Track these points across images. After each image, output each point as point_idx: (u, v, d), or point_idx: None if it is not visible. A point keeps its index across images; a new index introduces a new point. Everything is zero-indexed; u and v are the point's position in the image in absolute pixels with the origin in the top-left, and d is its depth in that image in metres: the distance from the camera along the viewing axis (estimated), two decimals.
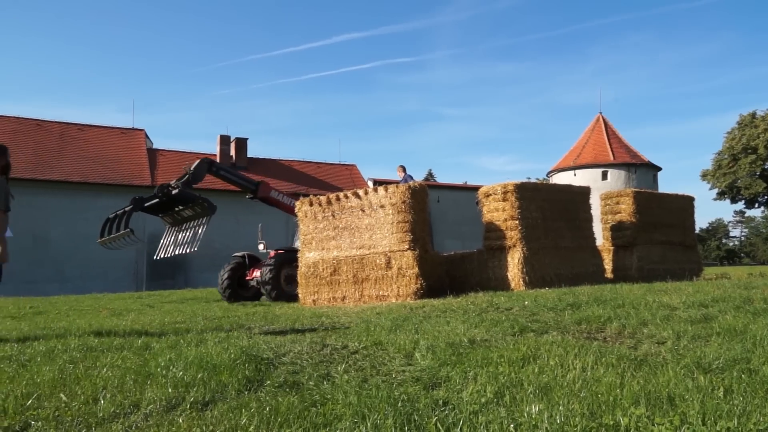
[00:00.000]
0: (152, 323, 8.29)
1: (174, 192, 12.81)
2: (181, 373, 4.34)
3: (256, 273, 14.10)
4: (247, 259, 14.73)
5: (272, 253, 14.15)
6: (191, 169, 13.45)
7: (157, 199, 12.80)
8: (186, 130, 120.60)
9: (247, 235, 25.35)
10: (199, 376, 4.23)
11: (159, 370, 4.47)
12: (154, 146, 36.85)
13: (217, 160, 35.99)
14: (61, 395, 3.84)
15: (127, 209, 12.58)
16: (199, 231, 12.51)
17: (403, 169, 14.24)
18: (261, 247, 15.41)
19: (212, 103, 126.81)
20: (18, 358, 5.34)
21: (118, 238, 12.08)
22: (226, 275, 14.46)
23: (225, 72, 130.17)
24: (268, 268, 13.34)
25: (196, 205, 12.83)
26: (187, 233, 12.82)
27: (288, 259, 13.50)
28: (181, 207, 13.05)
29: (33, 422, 3.34)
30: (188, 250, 12.51)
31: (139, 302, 14.42)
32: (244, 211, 26.78)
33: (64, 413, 3.49)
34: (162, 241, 13.49)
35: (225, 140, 36.52)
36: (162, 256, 13.05)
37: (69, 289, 23.91)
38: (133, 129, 36.02)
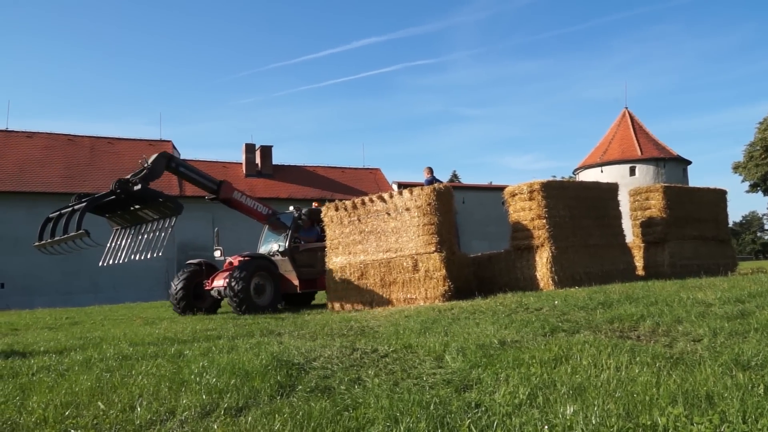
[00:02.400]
0: (184, 331, 8.41)
1: (136, 188, 11.10)
2: (214, 379, 4.40)
3: (218, 282, 12.50)
4: (204, 267, 13.08)
5: (233, 260, 12.80)
6: (149, 163, 11.68)
7: (113, 196, 11.12)
8: (212, 140, 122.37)
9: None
10: (231, 382, 4.28)
11: (193, 377, 4.54)
12: (182, 156, 37.44)
13: (243, 169, 36.59)
14: (99, 403, 3.92)
15: (76, 207, 10.83)
16: (162, 234, 10.99)
17: (430, 171, 14.02)
18: (217, 253, 13.52)
19: (236, 112, 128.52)
20: (56, 368, 5.48)
21: (67, 240, 10.50)
22: (180, 284, 12.66)
23: (248, 81, 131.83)
24: (238, 277, 11.68)
25: (160, 204, 11.25)
26: (146, 236, 11.18)
27: (258, 266, 12.28)
28: (138, 206, 11.40)
29: (72, 430, 3.42)
30: (148, 256, 10.89)
31: (170, 311, 14.64)
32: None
33: (103, 421, 3.56)
34: (109, 244, 11.65)
35: (250, 148, 36.92)
36: (111, 262, 11.36)
37: (103, 300, 24.38)
38: (161, 140, 36.63)
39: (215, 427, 3.34)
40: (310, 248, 13.52)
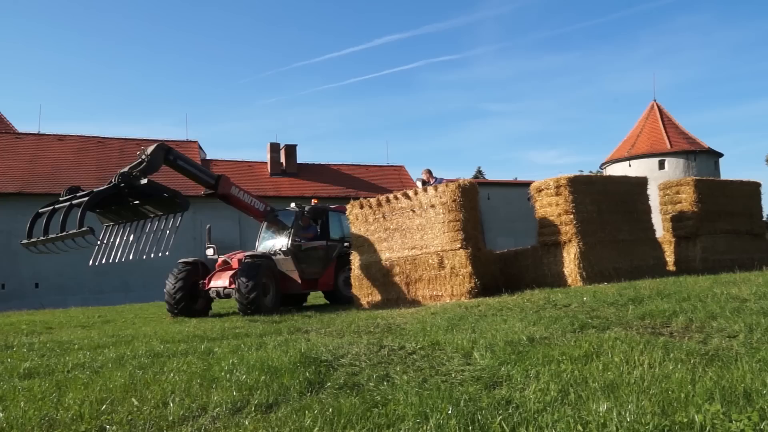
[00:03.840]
0: (213, 328, 8.52)
1: (142, 182, 10.28)
2: (244, 376, 4.44)
3: (218, 282, 11.92)
4: (200, 266, 12.37)
5: (229, 258, 12.40)
6: (148, 155, 10.71)
7: (116, 190, 10.16)
8: (237, 140, 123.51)
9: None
10: (261, 379, 4.32)
11: (223, 374, 4.59)
12: (207, 157, 37.90)
13: (268, 168, 36.91)
14: (133, 400, 3.99)
15: (76, 202, 9.86)
16: (168, 232, 10.29)
17: (429, 172, 13.47)
18: (210, 252, 12.83)
19: (261, 111, 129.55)
20: (91, 365, 5.59)
21: (66, 238, 9.51)
22: (179, 284, 11.74)
23: (271, 81, 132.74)
24: (249, 278, 11.02)
25: (165, 200, 10.44)
26: (152, 234, 10.38)
27: (266, 266, 11.77)
28: (137, 201, 10.57)
29: (108, 426, 3.48)
30: (151, 256, 10.10)
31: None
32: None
33: (137, 417, 3.62)
34: (100, 242, 10.45)
35: (275, 147, 37.18)
36: (105, 261, 10.38)
37: (133, 298, 24.81)
38: (187, 141, 37.14)
39: (246, 423, 3.37)
40: (311, 247, 13.13)
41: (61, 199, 10.31)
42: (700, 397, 3.10)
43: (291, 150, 37.50)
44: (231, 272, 11.89)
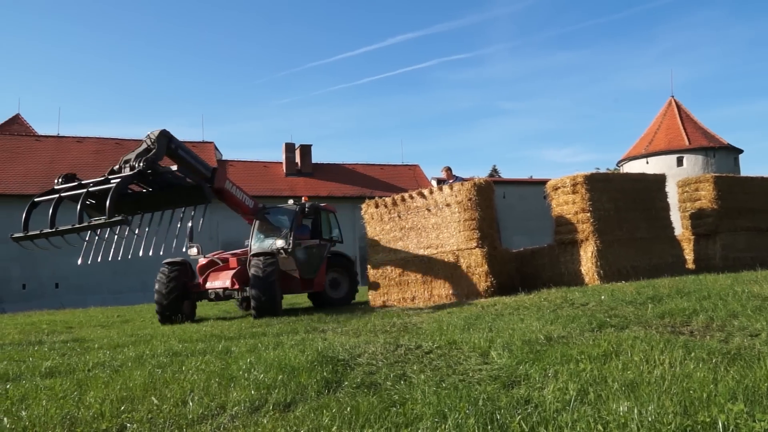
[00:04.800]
0: (230, 328, 8.57)
1: (173, 169, 9.47)
2: (261, 375, 4.46)
3: (217, 282, 11.20)
4: (188, 267, 11.57)
5: (217, 258, 11.75)
6: (154, 141, 9.56)
7: (140, 177, 9.23)
8: (252, 140, 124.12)
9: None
10: (279, 378, 4.34)
11: (241, 373, 4.62)
12: (224, 157, 38.15)
13: (283, 168, 37.08)
14: (153, 398, 4.03)
15: (93, 189, 8.80)
16: (189, 225, 9.66)
17: (449, 170, 13.33)
18: (194, 251, 11.82)
19: (275, 111, 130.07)
20: (111, 364, 5.66)
21: (101, 227, 8.63)
22: (171, 284, 10.91)
23: (285, 81, 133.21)
24: (267, 277, 10.43)
25: (188, 190, 9.62)
26: (174, 227, 9.60)
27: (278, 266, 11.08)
28: (149, 190, 9.67)
29: (128, 424, 3.52)
30: (176, 251, 9.41)
31: (216, 309, 14.94)
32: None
33: (157, 415, 3.66)
34: (135, 232, 9.51)
35: (290, 147, 37.34)
36: (118, 257, 9.38)
37: (151, 298, 24.91)
38: (203, 142, 37.41)
39: (265, 421, 3.39)
40: (309, 246, 12.50)
41: (58, 187, 9.22)
42: (723, 396, 3.05)
43: (306, 150, 37.64)
44: (231, 272, 11.28)
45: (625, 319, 6.08)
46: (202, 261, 11.85)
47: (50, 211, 8.69)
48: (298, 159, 37.35)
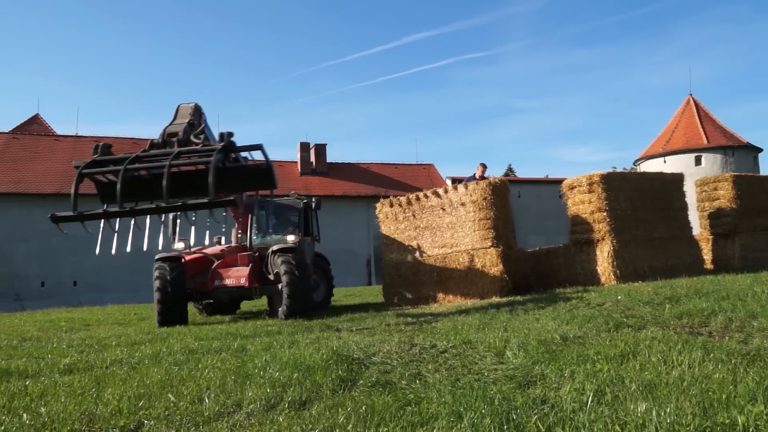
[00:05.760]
0: (245, 326, 8.62)
1: (246, 148, 8.20)
2: (277, 373, 4.48)
3: (229, 281, 10.25)
4: (184, 264, 10.38)
5: (212, 253, 10.83)
6: (193, 114, 8.56)
7: (224, 153, 7.88)
8: (267, 140, 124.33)
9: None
10: (294, 376, 4.35)
11: (257, 371, 4.64)
12: None
13: (298, 168, 37.15)
14: (170, 395, 4.07)
15: (182, 164, 7.73)
16: (172, 217, 8.80)
17: (484, 167, 13.22)
18: (182, 245, 10.81)
19: (290, 111, 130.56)
20: (128, 362, 5.72)
21: (209, 207, 7.44)
22: (176, 283, 9.80)
23: (301, 80, 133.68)
24: (303, 275, 9.72)
25: (252, 173, 8.64)
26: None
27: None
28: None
29: (146, 421, 3.55)
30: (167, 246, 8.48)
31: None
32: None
33: (174, 413, 3.69)
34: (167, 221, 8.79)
35: (305, 147, 37.45)
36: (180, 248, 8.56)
37: None
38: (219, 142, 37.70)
39: (281, 419, 3.40)
40: (307, 243, 11.78)
41: (114, 158, 8.23)
42: (742, 398, 3.01)
43: (321, 149, 37.71)
44: (245, 269, 10.35)
45: (642, 320, 6.02)
46: (192, 256, 10.69)
47: (118, 187, 7.36)
48: (312, 158, 37.44)
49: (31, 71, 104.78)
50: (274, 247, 10.37)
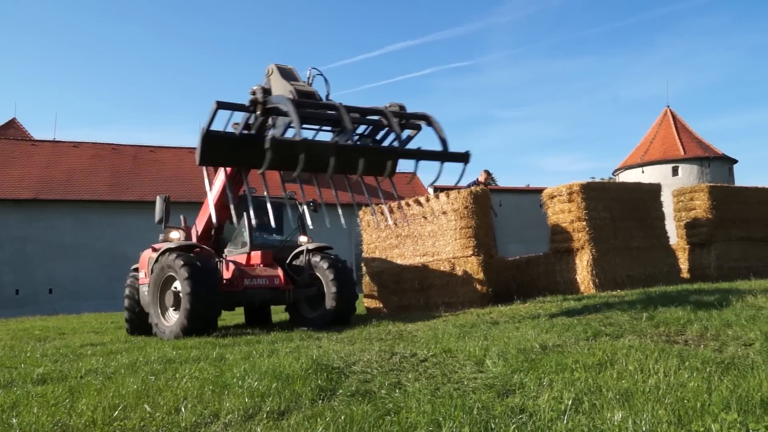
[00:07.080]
0: (225, 335, 8.53)
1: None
2: (256, 383, 4.44)
3: (261, 281, 9.00)
4: None
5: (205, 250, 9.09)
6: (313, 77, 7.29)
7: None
8: None
9: None
10: (273, 386, 4.31)
11: (235, 380, 4.59)
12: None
13: (279, 174, 37.01)
14: (146, 406, 4.00)
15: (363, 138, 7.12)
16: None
17: (488, 174, 13.01)
18: (177, 235, 9.88)
19: None
20: (104, 371, 5.62)
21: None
22: (214, 282, 8.53)
23: None
24: (349, 274, 8.96)
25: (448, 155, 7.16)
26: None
27: None
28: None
29: None
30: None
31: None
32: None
33: (149, 423, 3.63)
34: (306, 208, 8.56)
35: None
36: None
37: None
38: None
39: (259, 430, 3.37)
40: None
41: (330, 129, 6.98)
42: (717, 405, 3.05)
43: None
44: (274, 268, 9.27)
45: (620, 328, 6.08)
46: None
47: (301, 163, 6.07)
48: None
49: (8, 75, 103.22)
50: (310, 246, 9.47)
